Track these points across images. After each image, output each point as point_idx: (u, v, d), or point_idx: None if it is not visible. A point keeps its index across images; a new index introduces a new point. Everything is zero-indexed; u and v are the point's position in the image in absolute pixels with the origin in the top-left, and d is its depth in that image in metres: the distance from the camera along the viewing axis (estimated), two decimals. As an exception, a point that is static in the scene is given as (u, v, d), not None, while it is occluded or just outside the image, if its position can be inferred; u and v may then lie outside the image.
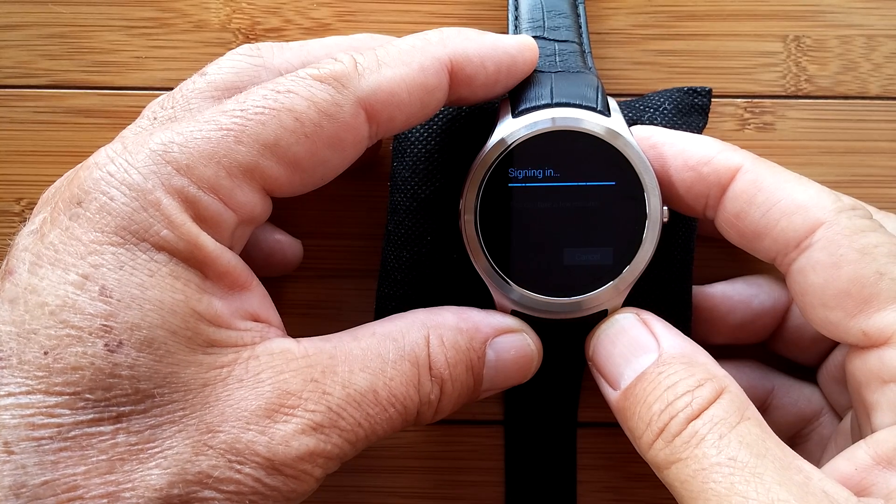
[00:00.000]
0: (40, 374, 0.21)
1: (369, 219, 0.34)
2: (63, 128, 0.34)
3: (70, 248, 0.22)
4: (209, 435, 0.22)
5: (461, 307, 0.27)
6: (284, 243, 0.32)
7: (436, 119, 0.30)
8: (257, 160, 0.23)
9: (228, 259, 0.23)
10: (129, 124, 0.29)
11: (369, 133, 0.25)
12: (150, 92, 0.34)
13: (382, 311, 0.30)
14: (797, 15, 0.34)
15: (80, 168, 0.23)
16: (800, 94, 0.34)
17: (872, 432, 0.24)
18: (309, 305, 0.34)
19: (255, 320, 0.24)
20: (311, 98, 0.23)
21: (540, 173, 0.26)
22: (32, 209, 0.34)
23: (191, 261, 0.23)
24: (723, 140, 0.27)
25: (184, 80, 0.27)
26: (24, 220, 0.34)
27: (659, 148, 0.27)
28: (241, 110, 0.23)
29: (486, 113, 0.30)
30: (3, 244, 0.34)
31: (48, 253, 0.22)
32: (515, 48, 0.27)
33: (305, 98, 0.23)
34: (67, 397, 0.21)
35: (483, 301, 0.28)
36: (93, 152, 0.34)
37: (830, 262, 0.24)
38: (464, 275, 0.29)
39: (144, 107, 0.30)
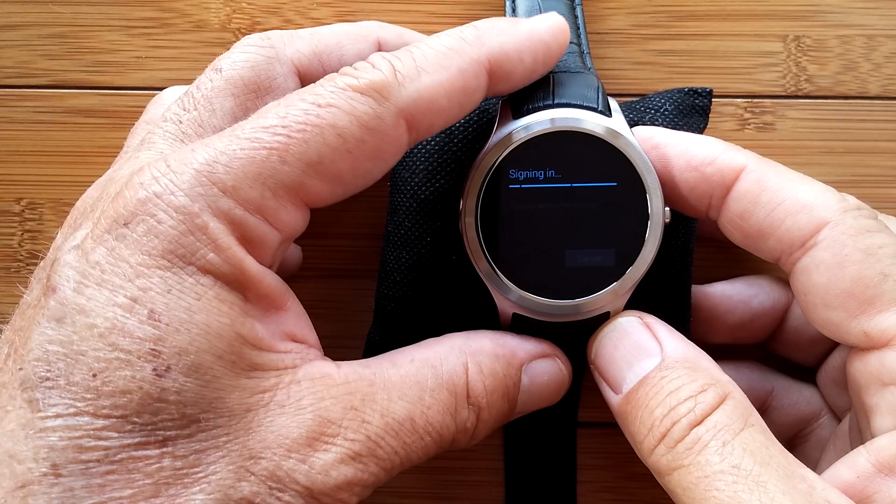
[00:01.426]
0: (89, 396, 0.21)
1: (369, 219, 0.34)
2: (63, 128, 0.34)
3: (117, 269, 0.22)
4: (251, 461, 0.22)
5: (496, 331, 0.27)
6: None
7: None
8: (301, 179, 0.23)
9: (269, 282, 0.23)
10: (128, 124, 0.29)
11: (408, 141, 0.25)
12: (150, 92, 0.34)
13: (382, 311, 0.30)
14: (797, 15, 0.34)
15: (123, 185, 0.23)
16: (800, 94, 0.34)
17: (872, 436, 0.24)
18: (309, 305, 0.33)
19: (294, 340, 0.24)
20: (352, 112, 0.23)
21: (541, 174, 0.26)
22: (32, 209, 0.34)
23: (234, 284, 0.22)
24: (723, 140, 0.27)
25: (185, 79, 0.27)
26: (23, 220, 0.34)
27: (662, 148, 0.27)
28: (284, 127, 0.23)
29: (487, 113, 0.30)
30: (4, 244, 0.34)
31: (94, 273, 0.22)
32: (549, 33, 0.26)
33: (347, 112, 0.23)
34: (115, 420, 0.21)
35: (483, 302, 0.27)
36: (93, 152, 0.35)
37: (834, 262, 0.24)
38: (464, 276, 0.29)
39: (144, 107, 0.30)
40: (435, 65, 0.24)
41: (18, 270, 0.34)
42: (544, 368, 0.27)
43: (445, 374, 0.25)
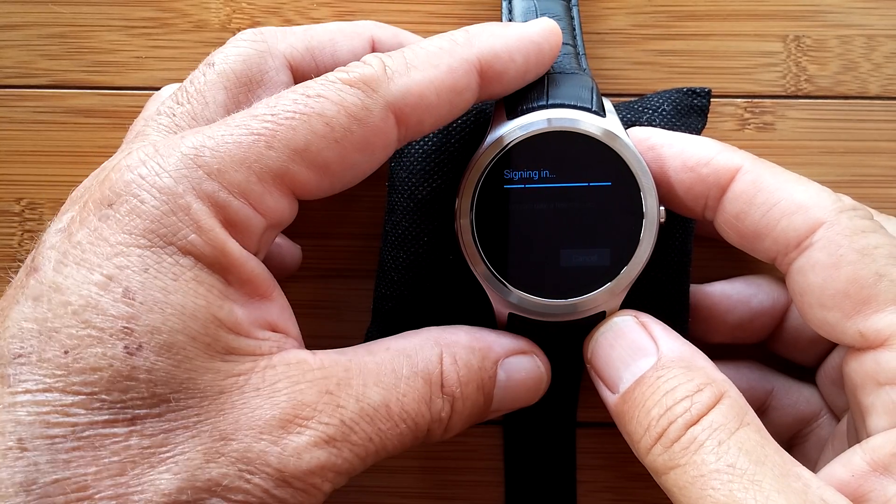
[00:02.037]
0: (59, 372, 0.21)
1: (369, 219, 0.34)
2: (63, 128, 0.34)
3: (97, 248, 0.22)
4: (222, 442, 0.22)
5: (474, 327, 0.27)
6: (283, 248, 0.32)
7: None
8: (287, 165, 0.23)
9: (252, 267, 0.23)
10: (128, 124, 0.30)
11: (398, 136, 0.25)
12: (150, 92, 0.34)
13: (379, 311, 0.30)
14: (797, 15, 0.34)
15: (111, 169, 0.23)
16: (800, 94, 0.34)
17: (868, 435, 0.24)
18: (309, 305, 0.34)
19: (274, 330, 0.24)
20: (341, 103, 0.23)
21: (536, 174, 0.26)
22: (32, 209, 0.34)
23: (215, 266, 0.23)
24: (723, 140, 0.27)
25: (184, 79, 0.27)
26: (23, 220, 0.34)
27: (657, 149, 0.27)
28: (272, 115, 0.23)
29: (483, 114, 0.30)
30: (4, 244, 0.34)
31: (74, 252, 0.22)
32: (540, 35, 0.27)
33: (336, 102, 0.23)
34: (84, 397, 0.21)
35: (479, 302, 0.27)
36: (93, 152, 0.35)
37: (830, 263, 0.24)
38: (460, 276, 0.29)
39: (143, 107, 0.30)
40: (425, 62, 0.25)
41: (18, 270, 0.34)
42: (521, 365, 0.27)
43: (420, 362, 0.25)
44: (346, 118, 0.23)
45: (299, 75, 0.28)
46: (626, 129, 0.28)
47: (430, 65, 0.25)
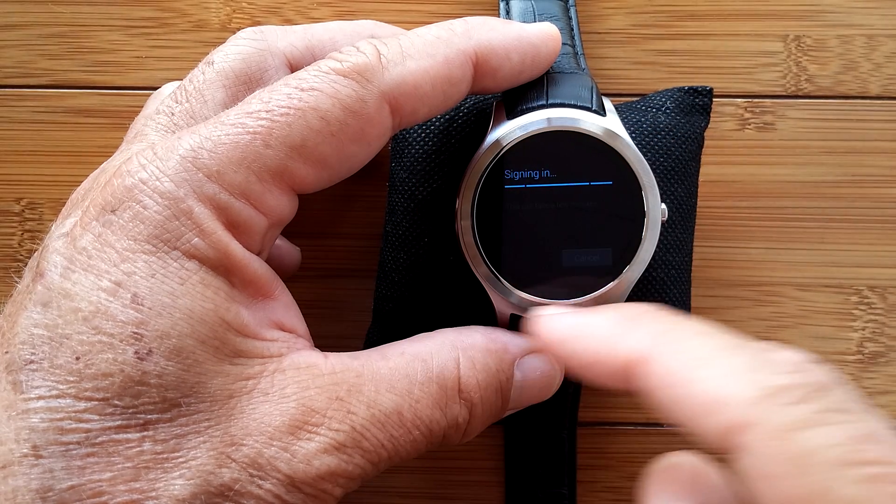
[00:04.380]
0: (71, 378, 0.21)
1: (369, 219, 0.34)
2: (63, 128, 0.34)
3: (103, 254, 0.22)
4: (233, 448, 0.22)
5: (488, 327, 0.27)
6: (283, 249, 0.32)
7: (434, 120, 0.30)
8: (286, 163, 0.23)
9: (256, 268, 0.23)
10: (128, 124, 0.30)
11: (392, 125, 0.25)
12: (150, 92, 0.34)
13: (380, 311, 0.30)
14: (797, 15, 0.34)
15: (111, 174, 0.23)
16: (800, 93, 0.34)
17: None
18: (309, 305, 0.33)
19: (281, 329, 0.24)
20: (335, 95, 0.23)
21: (536, 174, 0.26)
22: (32, 209, 0.34)
23: (219, 269, 0.22)
24: (723, 140, 0.27)
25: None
26: (23, 220, 0.34)
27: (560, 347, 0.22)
28: (267, 111, 0.23)
29: (483, 114, 0.30)
30: (4, 244, 0.34)
31: (81, 258, 0.22)
32: (539, 38, 0.26)
33: (330, 95, 0.23)
34: (96, 403, 0.21)
35: (480, 303, 0.27)
36: (93, 152, 0.35)
37: (763, 474, 0.18)
38: (461, 277, 0.29)
39: (143, 105, 0.30)
40: (421, 52, 0.24)
41: (18, 270, 0.34)
42: (536, 364, 0.27)
43: (436, 367, 0.25)
44: (341, 111, 0.23)
45: None
46: (627, 130, 0.27)
47: (426, 54, 0.24)
